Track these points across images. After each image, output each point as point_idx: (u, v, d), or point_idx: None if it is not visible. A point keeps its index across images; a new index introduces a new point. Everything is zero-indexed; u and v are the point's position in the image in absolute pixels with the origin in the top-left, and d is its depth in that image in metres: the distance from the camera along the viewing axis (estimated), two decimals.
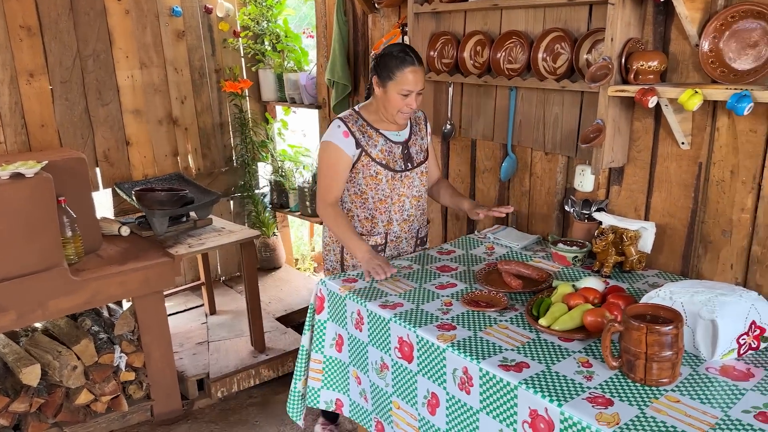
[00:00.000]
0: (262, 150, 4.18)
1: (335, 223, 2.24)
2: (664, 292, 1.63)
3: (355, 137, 2.22)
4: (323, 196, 2.27)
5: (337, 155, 2.22)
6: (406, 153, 2.30)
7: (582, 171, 2.30)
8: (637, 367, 1.43)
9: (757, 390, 1.39)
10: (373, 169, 2.24)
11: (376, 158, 2.24)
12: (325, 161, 2.26)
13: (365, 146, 2.23)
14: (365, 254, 2.16)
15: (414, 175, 2.33)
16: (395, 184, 2.29)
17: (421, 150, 2.35)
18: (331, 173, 2.25)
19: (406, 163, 2.30)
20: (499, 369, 1.52)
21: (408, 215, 2.37)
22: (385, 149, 2.25)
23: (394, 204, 2.32)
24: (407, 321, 1.79)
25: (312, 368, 2.17)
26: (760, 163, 1.84)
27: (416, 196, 2.37)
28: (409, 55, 2.13)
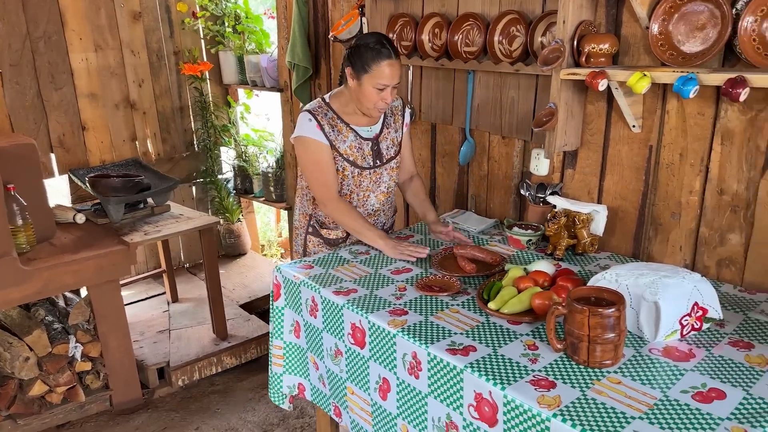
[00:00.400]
0: (224, 134, 4.11)
1: (349, 217, 2.19)
2: (610, 274, 1.64)
3: (324, 131, 2.15)
4: (323, 194, 2.19)
5: (318, 149, 2.15)
6: (375, 149, 2.24)
7: (537, 155, 2.31)
8: (580, 349, 1.45)
9: (696, 370, 1.41)
10: (340, 165, 2.19)
11: (344, 154, 2.18)
12: (308, 159, 2.18)
13: (334, 141, 2.16)
14: (387, 243, 2.15)
15: (383, 171, 2.28)
16: (361, 180, 2.25)
17: (393, 144, 2.29)
18: (320, 168, 2.17)
19: (375, 159, 2.24)
20: (447, 353, 1.52)
21: (374, 210, 2.34)
22: (354, 145, 2.19)
23: (359, 200, 2.28)
24: (360, 307, 1.78)
25: (274, 354, 2.16)
26: (707, 145, 1.86)
27: (384, 192, 2.33)
28: (385, 47, 2.03)
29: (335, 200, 2.19)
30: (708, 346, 1.52)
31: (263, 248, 4.61)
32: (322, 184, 2.18)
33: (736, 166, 1.81)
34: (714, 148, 1.85)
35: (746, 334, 1.57)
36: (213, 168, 4.10)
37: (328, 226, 2.35)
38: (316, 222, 2.36)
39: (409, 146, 2.40)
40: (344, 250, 2.24)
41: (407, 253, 2.11)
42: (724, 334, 1.57)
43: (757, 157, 1.76)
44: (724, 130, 1.82)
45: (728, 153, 1.82)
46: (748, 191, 1.80)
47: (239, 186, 4.16)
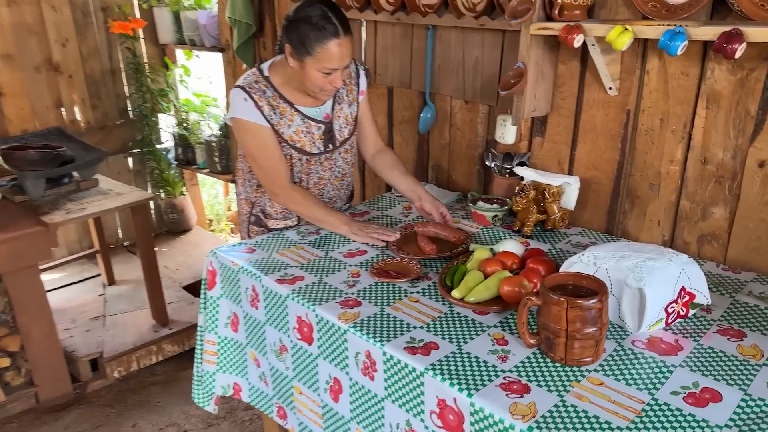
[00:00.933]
0: (162, 100, 3.76)
1: (305, 205, 1.92)
2: (587, 257, 1.46)
3: (263, 113, 1.84)
4: (272, 183, 1.91)
5: (259, 132, 1.85)
6: (327, 133, 1.95)
7: (503, 121, 2.10)
8: (556, 345, 1.26)
9: (686, 366, 1.25)
10: (286, 152, 1.91)
11: (289, 140, 1.89)
12: (249, 144, 1.88)
13: (276, 125, 1.86)
14: (351, 228, 1.89)
15: (336, 156, 2.01)
16: (312, 167, 1.97)
17: (347, 123, 2.00)
18: (265, 155, 1.88)
19: (326, 144, 1.96)
20: (405, 352, 1.32)
21: (329, 198, 2.08)
22: (301, 130, 1.90)
23: (311, 188, 2.01)
24: (306, 298, 1.55)
25: (206, 350, 1.92)
26: (691, 109, 1.68)
27: (338, 176, 2.06)
28: (331, 23, 1.68)
29: (287, 189, 1.91)
30: (696, 335, 1.36)
31: (210, 223, 4.31)
32: (270, 171, 1.90)
33: (723, 132, 1.64)
34: (698, 112, 1.67)
35: (736, 320, 1.41)
36: (150, 137, 3.76)
37: (275, 216, 2.07)
38: (260, 211, 2.07)
39: (369, 117, 2.09)
40: (292, 231, 2.00)
41: (375, 236, 1.88)
42: (711, 321, 1.41)
43: (746, 122, 1.59)
44: (710, 93, 1.63)
45: (714, 118, 1.65)
46: (734, 160, 1.63)
47: (180, 156, 3.84)
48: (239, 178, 2.13)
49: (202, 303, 1.90)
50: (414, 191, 1.98)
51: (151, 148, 3.78)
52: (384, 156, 2.10)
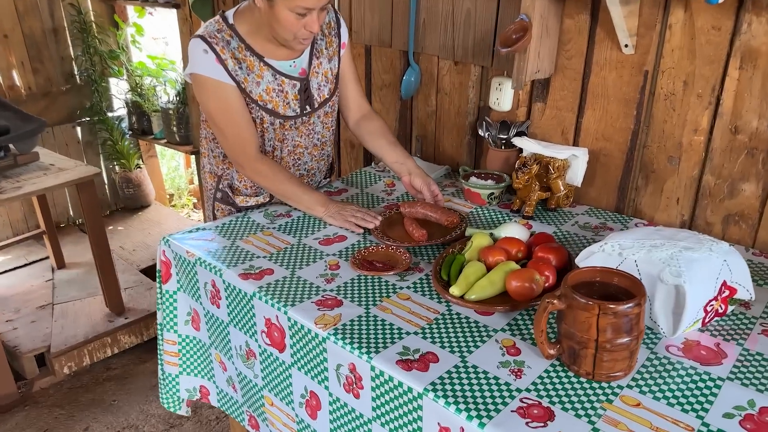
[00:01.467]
0: (112, 63, 3.40)
1: (276, 180, 1.64)
2: (611, 246, 1.23)
3: (227, 68, 1.54)
4: (238, 153, 1.62)
5: (222, 92, 1.56)
6: (304, 91, 1.66)
7: (499, 85, 1.84)
8: (582, 357, 1.04)
9: (735, 379, 1.04)
10: (255, 114, 1.63)
11: (258, 100, 1.61)
12: (211, 105, 1.59)
13: (243, 82, 1.57)
14: (328, 210, 1.63)
15: (315, 120, 1.73)
16: (287, 133, 1.69)
17: (327, 81, 1.71)
18: (229, 119, 1.59)
19: (303, 105, 1.68)
20: (398, 368, 1.08)
21: (306, 169, 1.81)
22: (272, 88, 1.61)
23: (286, 157, 1.74)
24: (276, 297, 1.30)
25: (167, 351, 1.66)
26: (721, 70, 1.45)
27: (317, 145, 1.78)
28: None
29: (254, 160, 1.63)
30: (738, 338, 1.16)
31: (171, 198, 3.99)
32: (234, 139, 1.62)
33: (758, 96, 1.41)
34: (729, 73, 1.44)
35: None
36: (101, 104, 3.41)
37: (244, 191, 1.80)
38: (227, 186, 1.80)
39: (353, 75, 1.81)
40: (257, 212, 1.73)
41: (353, 221, 1.62)
42: (753, 320, 1.21)
43: None
44: (746, 50, 1.40)
45: (748, 80, 1.42)
46: None
47: (135, 126, 3.49)
48: (203, 148, 1.84)
49: (159, 297, 1.64)
50: (403, 164, 1.72)
51: (101, 116, 3.43)
52: (370, 122, 1.83)
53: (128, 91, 3.45)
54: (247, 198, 1.78)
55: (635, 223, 1.64)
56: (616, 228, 1.62)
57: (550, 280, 1.29)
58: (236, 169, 1.70)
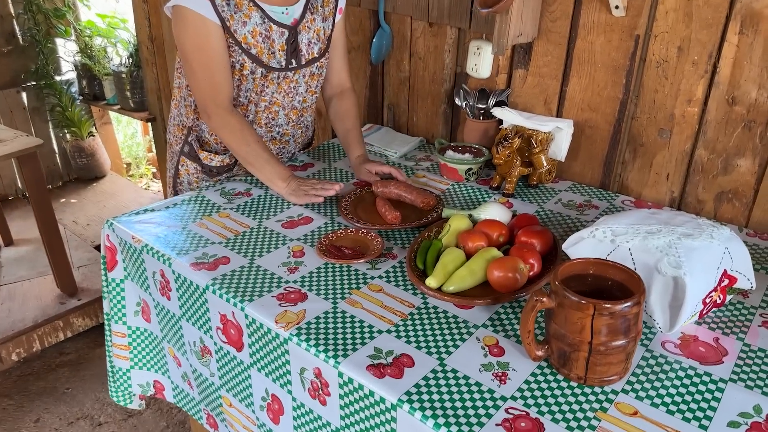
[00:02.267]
0: (58, 22, 3.12)
1: (240, 139, 1.48)
2: (602, 231, 1.12)
3: (213, 3, 1.39)
4: (208, 98, 1.46)
5: (204, 28, 1.40)
6: (292, 43, 1.51)
7: (477, 49, 1.69)
8: (574, 361, 0.93)
9: (738, 380, 0.95)
10: (237, 59, 1.47)
11: (242, 42, 1.44)
12: (189, 42, 1.43)
13: (228, 20, 1.41)
14: (289, 186, 1.49)
15: (299, 78, 1.57)
16: (266, 86, 1.53)
17: (319, 39, 1.57)
18: (205, 59, 1.43)
19: (289, 58, 1.52)
20: (369, 374, 0.96)
21: (280, 133, 1.65)
22: (259, 31, 1.45)
23: (261, 114, 1.58)
24: (232, 290, 1.16)
25: (116, 343, 1.52)
26: (719, 36, 1.33)
27: (297, 108, 1.63)
28: None
29: (225, 111, 1.48)
30: (738, 331, 1.07)
31: (128, 168, 3.76)
32: (206, 83, 1.46)
33: (759, 65, 1.30)
34: (728, 38, 1.32)
35: None
36: (47, 67, 3.15)
37: (211, 148, 1.65)
38: (196, 139, 1.64)
39: (341, 46, 1.67)
40: (212, 190, 1.57)
41: (313, 193, 1.48)
42: (753, 310, 1.12)
43: None
44: (747, 13, 1.28)
45: (749, 46, 1.30)
46: None
47: (86, 90, 3.24)
48: (174, 98, 1.68)
49: (104, 286, 1.48)
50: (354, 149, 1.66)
51: (48, 80, 3.17)
52: (341, 102, 1.70)
53: (77, 52, 3.19)
54: (211, 156, 1.63)
55: (622, 201, 1.54)
56: (602, 206, 1.51)
57: (535, 268, 1.18)
58: (203, 119, 1.54)
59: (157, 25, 2.75)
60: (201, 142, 1.66)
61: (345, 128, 1.69)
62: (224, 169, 1.66)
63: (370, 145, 1.84)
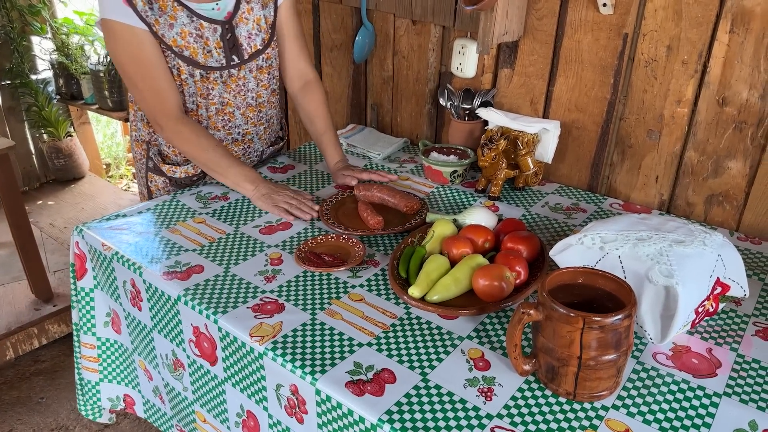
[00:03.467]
0: (33, 19, 3.03)
1: (198, 145, 1.41)
2: (590, 238, 1.08)
3: (135, 9, 1.31)
4: (156, 110, 1.40)
5: (133, 38, 1.33)
6: (229, 38, 1.42)
7: (462, 48, 1.65)
8: (563, 376, 0.89)
9: (733, 394, 0.91)
10: (172, 63, 1.39)
11: (173, 45, 1.37)
12: (122, 59, 1.35)
13: (154, 25, 1.33)
14: (258, 189, 1.43)
15: (246, 74, 1.49)
16: (210, 88, 1.45)
17: (260, 30, 1.48)
18: (143, 72, 1.36)
19: (229, 54, 1.44)
20: (348, 392, 0.91)
21: (240, 133, 1.56)
22: (188, 32, 1.37)
23: (213, 117, 1.49)
24: (205, 302, 1.11)
25: (84, 355, 1.46)
26: (709, 35, 1.29)
27: (252, 105, 1.54)
28: None
29: (176, 120, 1.41)
30: (732, 341, 1.03)
31: (108, 168, 3.67)
32: (151, 95, 1.39)
33: (750, 64, 1.27)
34: (718, 37, 1.29)
35: None
36: (22, 66, 3.05)
37: (172, 160, 1.58)
38: (157, 153, 1.57)
39: (294, 30, 1.56)
40: (188, 194, 1.51)
41: (284, 207, 1.42)
42: (746, 318, 1.09)
43: None
44: (738, 11, 1.25)
45: (739, 45, 1.27)
46: (763, 101, 1.27)
47: (63, 90, 3.15)
48: (130, 114, 1.61)
49: (74, 295, 1.42)
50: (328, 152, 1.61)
51: (24, 79, 3.07)
52: (307, 96, 1.62)
53: (53, 50, 3.10)
54: (174, 168, 1.55)
55: (610, 204, 1.50)
56: (590, 209, 1.47)
57: (522, 276, 1.13)
58: (156, 132, 1.47)
59: None
60: (162, 155, 1.58)
61: (317, 131, 1.62)
62: (192, 179, 1.57)
63: (353, 147, 1.79)
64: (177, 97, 1.42)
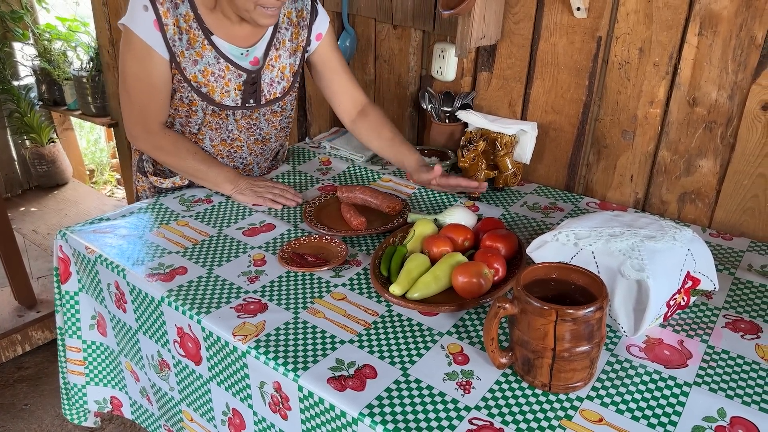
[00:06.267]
0: (15, 25, 3.02)
1: (176, 154, 1.43)
2: (565, 234, 1.11)
3: (165, 36, 1.32)
4: (136, 122, 1.41)
5: (148, 59, 1.34)
6: (251, 85, 1.43)
7: (442, 52, 1.68)
8: (538, 368, 0.92)
9: (703, 384, 0.94)
10: (186, 95, 1.40)
11: (192, 80, 1.38)
12: (127, 68, 1.36)
13: (179, 56, 1.35)
14: (238, 186, 1.45)
15: (259, 116, 1.49)
16: (221, 122, 1.46)
17: (283, 77, 1.48)
18: (142, 89, 1.37)
19: (246, 98, 1.44)
20: (329, 387, 0.93)
21: (243, 163, 1.58)
22: (211, 71, 1.38)
23: (219, 146, 1.51)
24: (188, 302, 1.12)
25: (70, 359, 1.46)
26: (679, 37, 1.34)
27: (259, 140, 1.55)
28: None
29: (155, 134, 1.43)
30: (702, 333, 1.06)
31: (92, 174, 3.66)
32: (138, 108, 1.40)
33: (718, 66, 1.31)
34: (688, 40, 1.33)
35: (744, 307, 1.13)
36: (4, 72, 3.04)
37: (161, 171, 1.59)
38: (146, 160, 1.59)
39: (341, 62, 1.56)
40: (171, 197, 1.52)
41: (270, 197, 1.45)
42: (716, 311, 1.12)
43: (749, 53, 1.26)
44: (706, 14, 1.29)
45: (708, 47, 1.31)
46: (731, 101, 1.31)
47: (45, 96, 3.14)
48: None
49: (58, 299, 1.43)
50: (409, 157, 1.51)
51: (5, 85, 3.06)
52: (365, 118, 1.58)
53: (35, 56, 3.09)
54: (161, 179, 1.56)
55: (587, 203, 1.54)
56: (567, 208, 1.51)
57: (500, 272, 1.16)
58: (130, 141, 1.48)
59: (117, 29, 2.68)
60: (152, 164, 1.58)
61: (386, 137, 1.55)
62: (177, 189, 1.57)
63: (336, 149, 1.81)
64: (163, 117, 1.44)
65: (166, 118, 1.44)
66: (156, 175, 1.58)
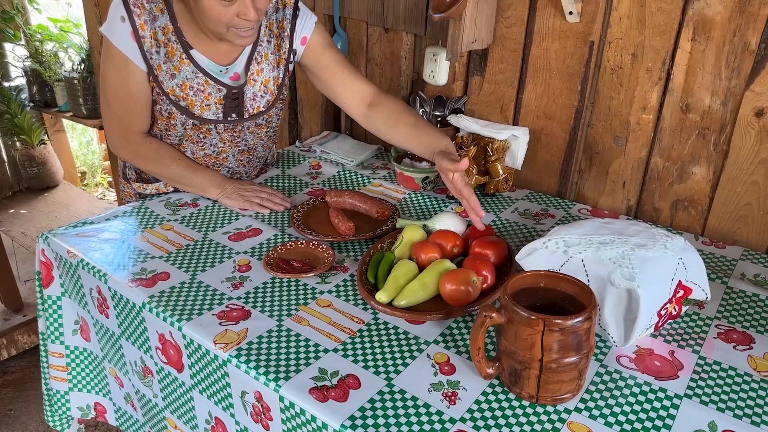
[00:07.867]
0: (6, 25, 3.00)
1: (160, 162, 1.41)
2: (554, 242, 1.09)
3: (142, 48, 1.29)
4: (116, 131, 1.39)
5: (127, 70, 1.31)
6: (234, 101, 1.39)
7: (433, 56, 1.66)
8: (525, 379, 0.90)
9: (694, 396, 0.92)
10: (164, 108, 1.37)
11: (170, 94, 1.35)
12: (106, 77, 1.34)
13: (156, 69, 1.32)
14: (224, 190, 1.43)
15: (243, 129, 1.45)
16: (202, 137, 1.43)
17: (267, 91, 1.42)
18: (121, 98, 1.34)
19: (228, 111, 1.40)
20: (311, 398, 0.90)
21: (230, 172, 1.54)
22: (189, 85, 1.34)
23: (203, 159, 1.48)
24: (169, 309, 1.10)
25: (53, 365, 1.43)
26: (672, 42, 1.32)
27: (244, 150, 1.51)
28: None
29: (137, 143, 1.41)
30: (694, 344, 1.04)
31: (83, 177, 3.63)
32: (118, 118, 1.38)
33: (711, 72, 1.29)
34: (681, 45, 1.31)
35: (736, 317, 1.11)
36: None
37: (145, 177, 1.57)
38: (129, 167, 1.58)
39: (336, 59, 1.46)
40: (156, 201, 1.50)
41: (258, 201, 1.43)
42: (708, 321, 1.10)
43: (743, 59, 1.25)
44: (699, 20, 1.27)
45: (701, 53, 1.29)
46: (724, 108, 1.30)
47: (36, 97, 3.11)
48: None
49: (40, 304, 1.40)
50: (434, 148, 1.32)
51: None
52: (380, 109, 1.45)
53: (27, 57, 3.06)
54: (144, 185, 1.54)
55: (578, 209, 1.52)
56: (558, 215, 1.49)
57: (489, 280, 1.14)
58: (112, 151, 1.46)
59: None
60: (135, 170, 1.57)
61: (407, 123, 1.39)
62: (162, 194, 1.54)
63: (326, 153, 1.79)
64: (144, 127, 1.41)
65: (147, 127, 1.42)
66: (139, 181, 1.56)
